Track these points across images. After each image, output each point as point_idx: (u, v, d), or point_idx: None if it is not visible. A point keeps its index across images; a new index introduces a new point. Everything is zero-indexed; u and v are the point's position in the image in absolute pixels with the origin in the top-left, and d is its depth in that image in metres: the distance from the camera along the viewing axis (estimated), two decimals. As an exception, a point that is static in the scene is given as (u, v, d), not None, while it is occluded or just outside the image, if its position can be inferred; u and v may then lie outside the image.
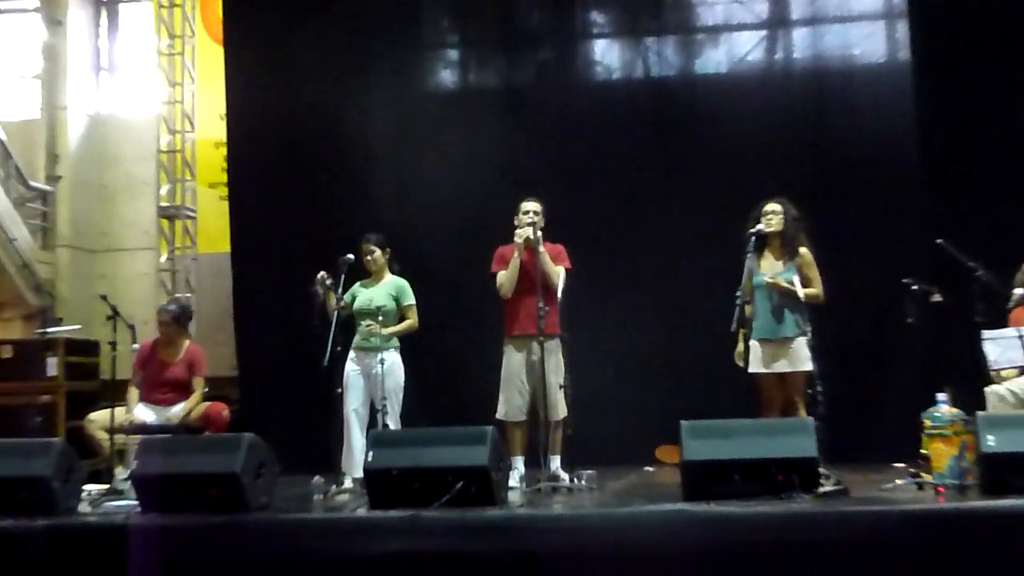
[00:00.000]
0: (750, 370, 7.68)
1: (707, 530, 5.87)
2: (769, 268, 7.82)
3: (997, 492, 6.10)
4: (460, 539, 6.08)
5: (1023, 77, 9.95)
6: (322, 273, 8.19)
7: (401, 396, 8.32)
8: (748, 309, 7.65)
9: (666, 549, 5.86)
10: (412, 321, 8.45)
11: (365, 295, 8.40)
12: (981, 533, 5.74)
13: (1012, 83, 9.97)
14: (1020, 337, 7.37)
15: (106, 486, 8.11)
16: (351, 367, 8.30)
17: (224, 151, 12.14)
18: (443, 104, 11.57)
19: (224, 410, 8.97)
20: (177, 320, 9.08)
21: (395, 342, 8.39)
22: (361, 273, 8.54)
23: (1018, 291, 7.84)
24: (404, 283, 8.50)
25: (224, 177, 12.20)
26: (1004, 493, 6.04)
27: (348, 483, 7.87)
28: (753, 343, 7.69)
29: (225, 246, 11.79)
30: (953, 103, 10.10)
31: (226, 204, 11.95)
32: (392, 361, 8.28)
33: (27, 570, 6.32)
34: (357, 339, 8.36)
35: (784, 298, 7.69)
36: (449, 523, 6.16)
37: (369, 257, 8.43)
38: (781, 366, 7.70)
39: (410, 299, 8.47)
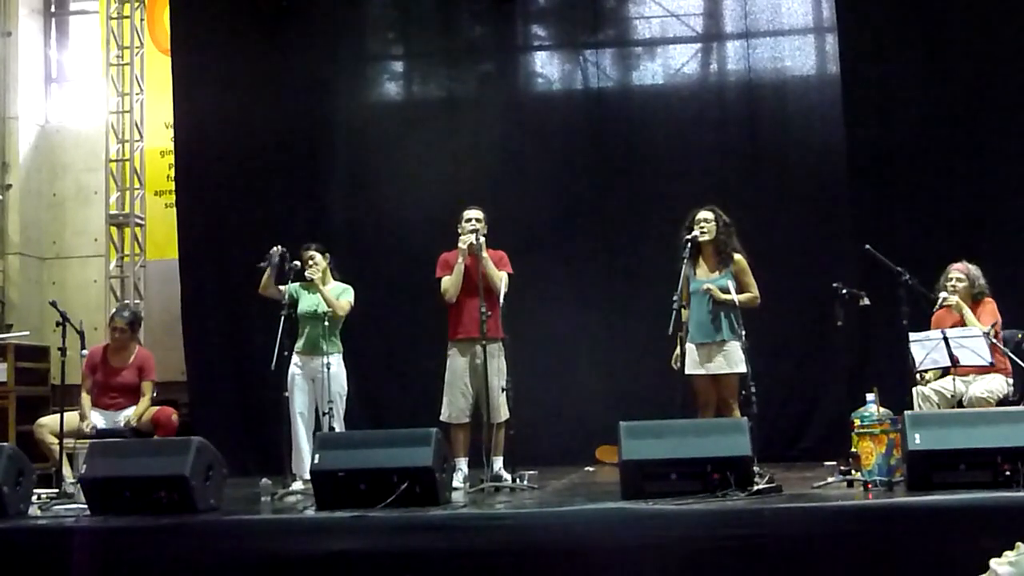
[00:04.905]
0: (686, 372, 7.71)
1: (645, 527, 5.89)
2: (704, 275, 7.84)
3: (923, 488, 6.17)
4: (405, 538, 6.08)
5: (945, 90, 10.08)
6: (276, 248, 8.29)
7: (345, 399, 8.31)
8: (684, 313, 7.69)
9: (606, 546, 5.88)
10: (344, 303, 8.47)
11: (309, 300, 8.39)
12: (908, 528, 5.80)
13: (935, 96, 10.10)
14: (944, 339, 7.45)
15: (56, 490, 8.04)
16: (295, 371, 8.29)
17: (170, 160, 12.09)
18: (388, 114, 11.55)
19: (173, 414, 8.93)
20: (131, 326, 9.09)
21: (339, 347, 8.38)
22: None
23: (942, 293, 7.92)
24: (349, 287, 8.50)
25: (169, 185, 12.15)
26: (930, 489, 6.11)
27: (299, 484, 7.82)
28: (689, 346, 7.72)
29: (172, 253, 11.72)
30: (879, 114, 10.22)
31: (172, 211, 11.88)
32: (336, 365, 8.28)
33: (-22, 573, 6.26)
34: (301, 343, 8.34)
35: (719, 303, 7.72)
36: (394, 523, 6.15)
37: (311, 263, 8.40)
38: (716, 368, 7.72)
39: (349, 296, 8.48)
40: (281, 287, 8.33)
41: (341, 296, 8.43)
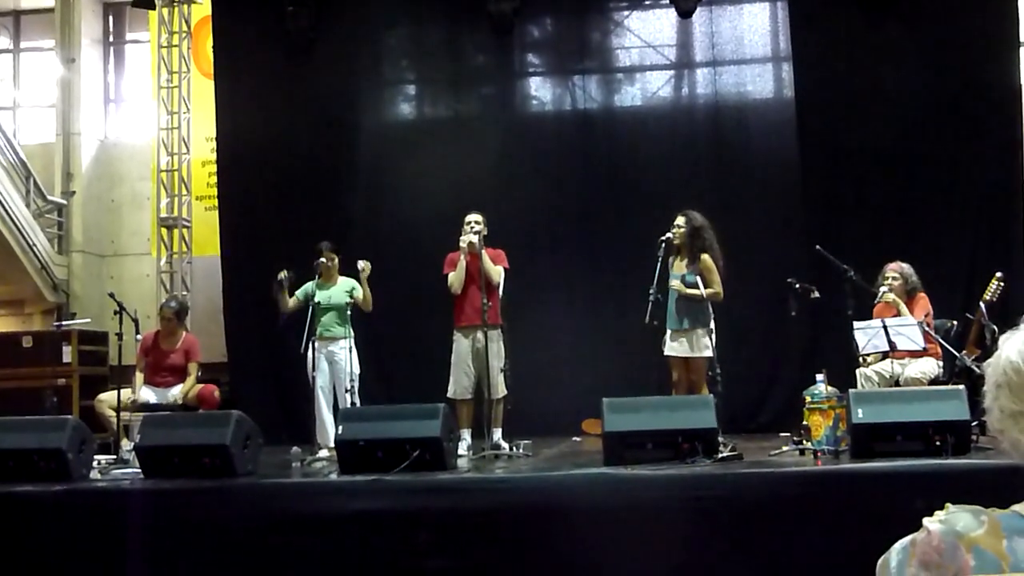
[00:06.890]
0: (665, 353, 7.71)
1: (624, 489, 5.91)
2: (677, 270, 7.83)
3: (865, 456, 6.20)
4: (417, 499, 6.09)
5: (886, 111, 10.10)
6: (283, 273, 8.31)
7: (358, 377, 8.32)
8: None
9: (591, 505, 5.89)
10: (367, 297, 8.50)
11: (323, 294, 8.42)
12: (851, 490, 5.82)
13: (877, 116, 10.11)
14: (883, 327, 7.46)
15: (114, 456, 8.05)
16: (316, 354, 8.28)
17: (210, 169, 12.23)
18: (402, 131, 11.54)
19: (216, 391, 8.91)
20: (177, 315, 9.03)
21: (351, 333, 8.38)
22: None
23: (882, 289, 7.93)
24: (354, 281, 8.51)
25: (210, 191, 12.27)
26: (871, 457, 6.15)
27: (324, 452, 7.83)
28: (665, 332, 7.72)
29: (214, 250, 11.73)
30: (829, 132, 10.24)
31: (212, 214, 11.96)
32: (352, 349, 8.28)
33: (46, 530, 6.26)
34: (320, 330, 8.35)
35: (685, 297, 7.72)
36: (408, 485, 6.17)
37: (329, 262, 8.44)
38: (685, 351, 7.72)
39: (359, 292, 8.49)
40: (298, 292, 8.41)
41: (354, 290, 8.46)
